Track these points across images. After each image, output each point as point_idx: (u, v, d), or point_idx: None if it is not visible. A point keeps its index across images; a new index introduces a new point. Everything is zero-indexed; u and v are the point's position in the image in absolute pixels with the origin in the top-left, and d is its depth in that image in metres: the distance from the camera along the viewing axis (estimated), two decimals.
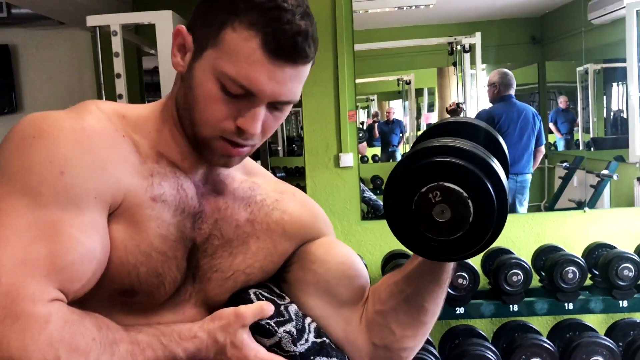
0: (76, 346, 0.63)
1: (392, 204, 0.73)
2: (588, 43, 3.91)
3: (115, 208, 0.71)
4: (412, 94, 4.38)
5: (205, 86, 0.72)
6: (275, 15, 0.69)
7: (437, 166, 0.70)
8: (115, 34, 2.50)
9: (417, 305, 0.85)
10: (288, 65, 0.71)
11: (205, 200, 0.81)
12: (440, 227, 0.70)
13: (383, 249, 2.61)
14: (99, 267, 0.69)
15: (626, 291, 2.22)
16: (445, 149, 0.71)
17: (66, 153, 0.67)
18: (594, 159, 3.93)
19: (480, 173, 0.70)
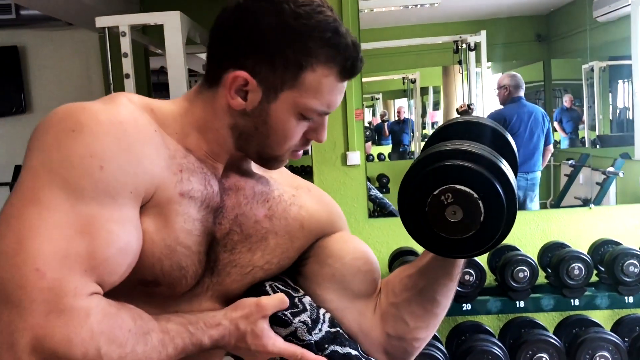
0: (115, 337, 0.65)
1: (407, 206, 0.77)
2: (593, 40, 3.91)
3: (147, 201, 0.73)
4: (418, 93, 4.39)
5: (286, 122, 0.78)
6: (342, 45, 0.76)
7: (448, 169, 0.74)
8: (124, 34, 2.53)
9: (430, 297, 0.89)
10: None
11: (226, 195, 0.83)
12: (452, 227, 0.75)
13: (390, 246, 2.63)
14: (133, 260, 0.71)
15: (632, 287, 2.23)
16: (455, 152, 0.75)
17: (105, 148, 0.69)
18: (599, 156, 3.93)
19: (489, 174, 0.73)
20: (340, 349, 0.84)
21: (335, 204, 0.98)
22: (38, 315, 0.62)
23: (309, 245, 0.93)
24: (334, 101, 0.80)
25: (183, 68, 2.62)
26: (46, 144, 0.69)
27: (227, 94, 0.78)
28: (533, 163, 3.03)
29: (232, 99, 0.78)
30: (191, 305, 0.81)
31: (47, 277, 0.63)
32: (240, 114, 0.79)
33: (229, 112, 0.79)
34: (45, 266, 0.63)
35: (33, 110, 4.25)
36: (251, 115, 0.79)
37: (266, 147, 0.81)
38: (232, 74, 0.77)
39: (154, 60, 4.16)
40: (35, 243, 0.64)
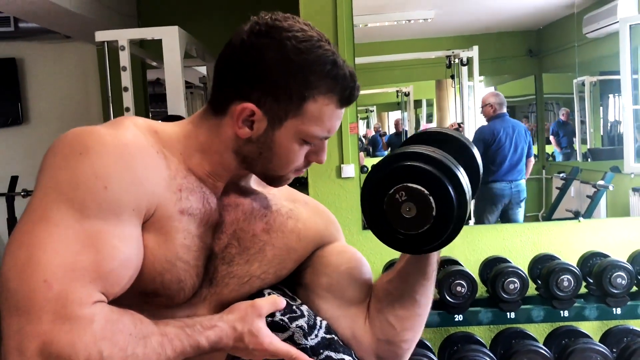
0: (116, 341, 0.70)
1: (368, 206, 0.85)
2: (584, 56, 3.98)
3: (148, 218, 0.78)
4: (411, 105, 4.44)
5: (289, 148, 0.84)
6: (340, 76, 0.82)
7: (401, 169, 0.82)
8: (123, 48, 2.57)
9: (411, 298, 0.95)
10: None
11: (225, 211, 0.88)
12: (408, 223, 0.82)
13: (384, 258, 2.66)
14: (134, 273, 0.76)
15: (619, 299, 2.27)
16: (408, 154, 0.83)
17: (109, 169, 0.74)
18: (590, 169, 3.99)
19: (438, 172, 0.81)
20: (335, 354, 0.88)
21: (331, 215, 1.03)
22: (45, 323, 0.67)
23: (308, 256, 0.97)
24: (334, 127, 0.86)
25: (180, 81, 2.66)
26: (55, 165, 0.74)
27: (235, 124, 0.83)
28: (517, 172, 3.25)
29: (239, 129, 0.84)
30: (190, 313, 0.85)
31: (54, 288, 0.68)
32: (245, 141, 0.85)
33: (234, 140, 0.85)
34: (53, 278, 0.68)
35: (30, 121, 4.28)
36: (256, 142, 0.84)
37: (270, 169, 0.87)
38: (240, 106, 0.82)
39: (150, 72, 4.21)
40: (43, 256, 0.69)
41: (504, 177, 3.25)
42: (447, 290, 2.28)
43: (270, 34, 0.81)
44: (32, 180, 0.77)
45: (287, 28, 0.82)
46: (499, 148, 3.26)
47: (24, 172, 3.84)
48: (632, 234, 2.67)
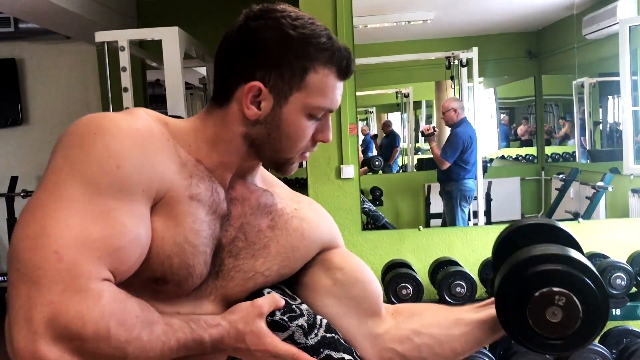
0: (123, 321, 0.71)
1: (507, 308, 0.84)
2: (584, 57, 3.99)
3: (158, 201, 0.79)
4: (411, 107, 4.45)
5: (297, 122, 0.85)
6: (336, 48, 0.85)
7: (544, 274, 0.81)
8: (123, 49, 2.58)
9: (453, 346, 0.95)
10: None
11: (232, 205, 0.89)
12: (553, 327, 0.81)
13: (383, 258, 2.67)
14: (142, 253, 0.77)
15: (619, 300, 2.28)
16: (549, 257, 0.83)
17: (122, 149, 0.76)
18: (590, 170, 3.99)
19: (583, 275, 0.81)
20: (335, 353, 0.88)
21: (333, 221, 1.04)
22: (54, 293, 0.67)
23: (312, 258, 0.98)
24: (336, 99, 0.88)
25: (180, 81, 2.67)
26: (69, 145, 0.76)
27: (244, 106, 0.85)
28: (475, 171, 3.52)
29: (247, 110, 0.85)
30: (195, 307, 0.85)
31: (65, 260, 0.68)
32: (253, 123, 0.86)
33: (243, 123, 0.86)
34: (64, 250, 0.69)
35: (29, 122, 4.29)
36: (264, 123, 0.86)
37: (279, 151, 0.88)
38: (247, 86, 0.84)
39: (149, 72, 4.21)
40: (55, 229, 0.70)
41: (474, 175, 3.48)
42: (446, 291, 2.29)
43: (265, 16, 0.84)
44: (32, 180, 0.78)
45: (280, 10, 0.85)
46: (472, 150, 3.49)
47: (24, 173, 3.85)
48: (632, 235, 2.67)
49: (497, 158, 4.65)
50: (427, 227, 3.15)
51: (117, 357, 0.70)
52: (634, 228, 2.69)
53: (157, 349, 0.74)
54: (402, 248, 2.73)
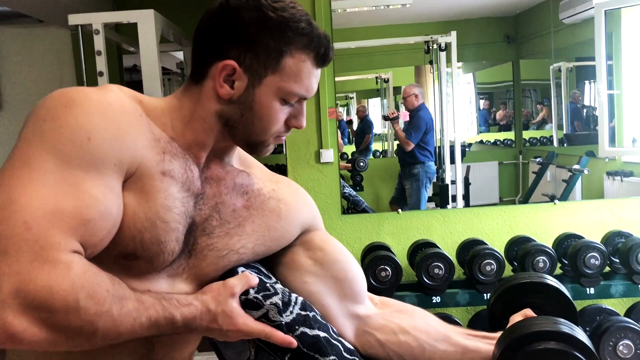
0: (93, 293, 0.70)
1: None
2: (561, 42, 4.02)
3: (130, 176, 0.79)
4: (391, 92, 4.45)
5: (269, 105, 0.85)
6: (315, 34, 0.85)
7: (544, 352, 0.84)
8: (98, 32, 2.53)
9: (433, 358, 0.97)
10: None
11: (207, 184, 0.88)
12: None
13: (362, 242, 2.68)
14: (113, 227, 0.76)
15: (593, 279, 2.32)
16: (550, 334, 0.86)
17: (93, 122, 0.75)
18: (566, 154, 4.05)
19: (580, 354, 0.84)
20: (309, 330, 0.88)
21: (314, 203, 1.04)
22: (22, 263, 0.66)
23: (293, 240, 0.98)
24: (312, 86, 0.88)
25: (157, 66, 2.63)
26: (40, 117, 0.75)
27: (217, 83, 0.84)
28: (432, 154, 3.71)
29: (220, 88, 0.85)
30: (167, 285, 0.85)
31: (34, 230, 0.68)
32: (227, 102, 0.86)
33: (216, 101, 0.86)
34: (33, 220, 0.68)
35: (3, 108, 4.20)
36: (237, 102, 0.85)
37: (252, 132, 0.88)
38: (221, 64, 0.84)
39: (126, 58, 4.15)
40: (24, 199, 0.69)
41: (433, 158, 3.68)
42: (425, 273, 2.31)
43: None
44: None
45: None
46: (431, 134, 3.72)
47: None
48: (606, 216, 2.72)
49: (475, 143, 4.69)
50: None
51: (87, 330, 0.70)
52: (608, 209, 2.74)
53: (127, 325, 0.73)
54: (381, 231, 2.74)
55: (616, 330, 2.14)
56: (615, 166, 3.58)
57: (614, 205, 2.75)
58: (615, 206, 2.75)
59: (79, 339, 0.71)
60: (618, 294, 2.37)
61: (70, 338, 0.70)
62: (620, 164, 3.59)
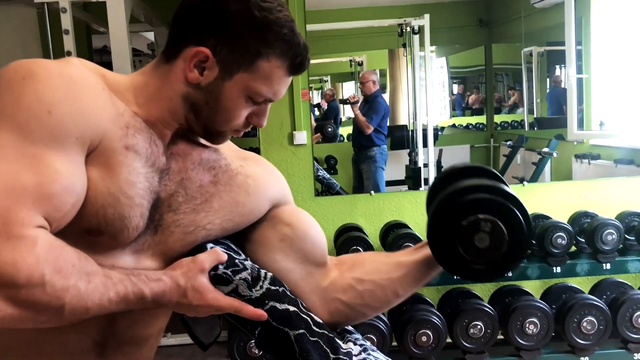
0: (59, 268, 0.69)
1: (438, 237, 0.87)
2: (532, 26, 4.07)
3: (92, 150, 0.77)
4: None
5: (235, 100, 0.85)
6: (295, 43, 0.85)
7: (473, 203, 0.85)
8: (65, 11, 2.48)
9: (394, 289, 0.97)
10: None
11: (173, 160, 0.88)
12: (481, 253, 0.85)
13: (336, 224, 2.70)
14: (77, 201, 0.75)
15: (559, 258, 2.38)
16: (478, 187, 0.86)
17: (53, 95, 0.73)
18: (536, 137, 4.12)
19: (508, 202, 0.84)
20: (279, 305, 0.89)
21: (283, 177, 1.04)
22: None
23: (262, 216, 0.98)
24: (280, 92, 0.88)
25: (127, 47, 2.59)
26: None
27: (186, 67, 0.84)
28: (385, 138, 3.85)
29: (189, 72, 0.84)
30: (133, 261, 0.84)
31: None
32: (195, 86, 0.85)
33: (184, 83, 0.85)
34: None
35: None
36: (204, 90, 0.85)
37: (213, 122, 0.87)
38: (195, 49, 0.83)
39: (96, 38, 4.07)
40: None
41: (386, 142, 3.81)
42: None
43: None
44: None
45: None
46: (386, 119, 3.87)
47: None
48: (573, 197, 2.78)
49: (448, 126, 4.74)
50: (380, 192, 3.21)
51: (53, 305, 0.69)
52: (575, 190, 2.80)
53: (95, 300, 0.73)
54: (354, 213, 2.76)
55: (580, 307, 2.21)
56: (583, 149, 3.65)
57: (581, 187, 2.82)
58: (582, 188, 2.81)
59: (46, 314, 0.70)
60: (583, 273, 2.44)
61: (37, 314, 0.69)
62: (588, 146, 3.66)
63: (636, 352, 2.24)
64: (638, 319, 2.21)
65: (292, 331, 0.89)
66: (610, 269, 2.41)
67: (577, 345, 2.22)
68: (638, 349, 2.24)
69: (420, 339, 2.18)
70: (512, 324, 2.22)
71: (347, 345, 0.94)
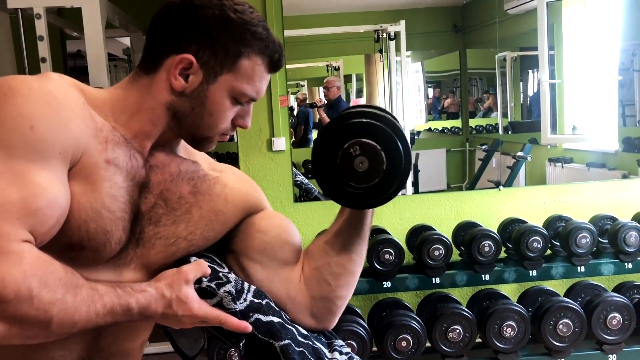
0: (46, 282, 0.69)
1: (320, 159, 0.88)
2: (506, 32, 4.13)
3: (74, 165, 0.77)
4: (341, 80, 4.48)
5: (221, 103, 0.87)
6: (271, 40, 0.88)
7: (356, 125, 0.87)
8: (39, 17, 2.44)
9: (346, 256, 1.00)
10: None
11: (152, 172, 0.88)
12: (360, 176, 0.87)
13: (315, 229, 2.70)
14: (61, 216, 0.75)
15: (535, 262, 2.42)
16: (362, 113, 0.89)
17: (35, 110, 0.73)
18: (511, 141, 4.18)
19: (390, 131, 0.87)
20: (264, 317, 0.89)
21: (256, 185, 1.06)
22: None
23: (238, 223, 0.99)
24: (262, 89, 0.90)
25: (102, 52, 2.56)
26: None
27: (171, 75, 0.85)
28: None
29: (175, 80, 0.85)
30: (115, 275, 0.85)
31: None
32: (179, 94, 0.86)
33: (168, 92, 0.86)
34: None
35: None
36: (189, 97, 0.86)
37: (199, 127, 0.89)
38: (179, 57, 0.84)
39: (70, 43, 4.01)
40: None
41: None
42: (375, 259, 2.35)
43: None
44: None
45: None
46: None
47: None
48: (548, 201, 2.83)
49: (424, 130, 4.79)
50: None
51: (41, 319, 0.69)
52: (550, 194, 2.85)
53: (82, 312, 0.73)
54: (333, 218, 2.76)
55: (556, 310, 2.24)
56: (557, 153, 3.72)
57: (555, 191, 2.87)
58: (557, 192, 2.87)
59: (34, 329, 0.70)
60: (558, 276, 2.49)
61: (24, 328, 0.69)
62: (561, 150, 3.74)
63: (611, 354, 2.29)
64: (612, 320, 2.26)
65: (278, 342, 0.90)
66: (584, 271, 2.47)
67: (554, 347, 2.26)
68: (612, 350, 2.29)
69: (400, 344, 2.19)
70: (489, 327, 2.25)
71: (332, 355, 0.95)
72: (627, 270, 2.49)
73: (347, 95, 4.65)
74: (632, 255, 2.45)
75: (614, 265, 2.48)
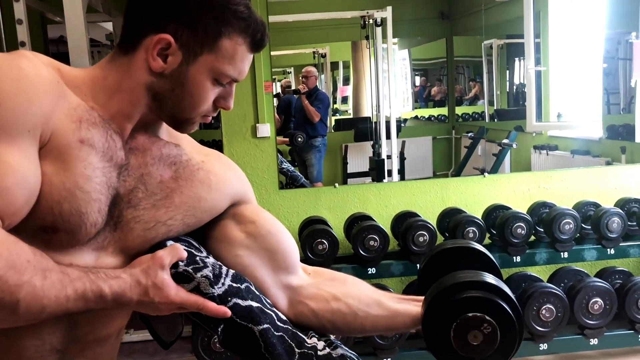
0: (13, 263, 0.67)
1: (433, 332, 0.89)
2: (492, 19, 4.13)
3: (44, 144, 0.75)
4: (328, 67, 4.46)
5: (201, 84, 0.84)
6: (253, 19, 0.85)
7: (469, 300, 0.86)
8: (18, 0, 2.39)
9: (365, 323, 0.98)
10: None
11: (132, 155, 0.86)
12: (474, 349, 0.87)
13: (300, 216, 2.70)
14: (31, 196, 0.73)
15: (519, 248, 2.44)
16: (471, 284, 0.88)
17: (4, 87, 0.71)
18: (497, 129, 4.19)
19: (502, 302, 0.87)
20: (242, 301, 0.88)
21: (244, 175, 1.04)
22: None
23: (223, 212, 0.97)
24: (244, 70, 0.87)
25: (84, 37, 2.51)
26: None
27: (149, 56, 0.82)
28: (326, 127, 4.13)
29: (153, 61, 0.82)
30: (92, 259, 0.83)
31: None
32: (158, 75, 0.84)
33: (147, 73, 0.84)
34: None
35: None
36: (169, 77, 0.84)
37: (180, 109, 0.86)
38: (157, 37, 0.81)
39: (52, 29, 3.95)
40: None
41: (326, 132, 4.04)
42: (360, 245, 2.35)
43: None
44: None
45: None
46: (328, 111, 4.14)
47: None
48: (532, 188, 2.84)
49: (411, 118, 4.79)
50: (345, 184, 3.22)
51: (7, 301, 0.67)
52: (534, 181, 2.86)
53: (51, 297, 0.71)
54: (318, 205, 2.76)
55: (539, 295, 2.26)
56: (542, 140, 3.74)
57: (540, 178, 2.88)
58: (541, 178, 2.88)
59: (1, 312, 0.68)
60: (542, 262, 2.51)
61: None
62: (546, 138, 3.76)
63: (592, 338, 2.31)
64: (594, 305, 2.28)
65: (256, 326, 0.88)
66: (567, 257, 2.49)
67: (537, 332, 2.28)
68: (594, 334, 2.31)
69: None
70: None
71: (311, 340, 0.94)
72: (609, 255, 2.52)
73: (335, 82, 4.64)
74: (614, 241, 2.48)
75: (596, 251, 2.51)
